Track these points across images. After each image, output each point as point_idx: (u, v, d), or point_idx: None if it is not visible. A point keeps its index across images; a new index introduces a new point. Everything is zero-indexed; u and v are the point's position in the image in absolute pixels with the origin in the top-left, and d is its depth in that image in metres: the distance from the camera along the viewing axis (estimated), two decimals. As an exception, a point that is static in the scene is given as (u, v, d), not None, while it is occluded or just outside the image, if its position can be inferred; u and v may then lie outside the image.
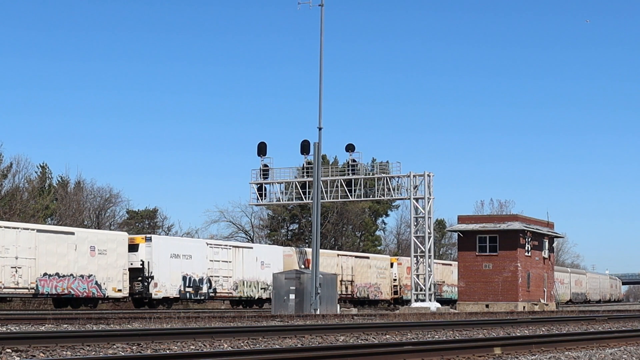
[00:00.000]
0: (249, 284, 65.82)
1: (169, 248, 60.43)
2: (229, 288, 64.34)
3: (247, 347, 19.49)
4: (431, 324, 30.66)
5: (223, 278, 63.96)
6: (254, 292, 66.26)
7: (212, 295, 63.17)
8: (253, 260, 66.42)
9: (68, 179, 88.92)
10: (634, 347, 20.47)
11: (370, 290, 78.48)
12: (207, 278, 62.65)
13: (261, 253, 68.17)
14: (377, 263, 79.97)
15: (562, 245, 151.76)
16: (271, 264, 67.04)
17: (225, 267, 64.22)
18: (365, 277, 78.01)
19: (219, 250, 64.42)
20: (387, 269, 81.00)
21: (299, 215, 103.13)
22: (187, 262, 61.39)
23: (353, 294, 75.95)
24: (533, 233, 70.81)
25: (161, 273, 59.22)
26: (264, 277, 66.22)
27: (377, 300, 79.67)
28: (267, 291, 65.29)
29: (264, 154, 67.07)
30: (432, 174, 64.59)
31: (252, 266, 66.12)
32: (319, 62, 54.47)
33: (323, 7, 54.10)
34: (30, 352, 17.18)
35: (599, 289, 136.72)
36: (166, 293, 59.57)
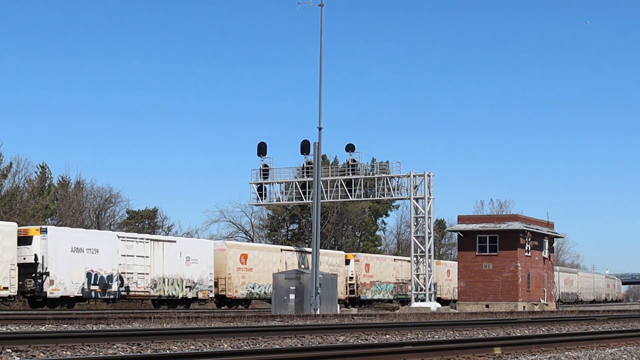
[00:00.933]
0: (171, 282, 59.62)
1: (69, 241, 53.74)
2: (146, 286, 57.96)
3: (247, 347, 19.49)
4: (431, 324, 30.65)
5: (138, 275, 57.49)
6: (177, 291, 60.10)
7: (123, 294, 56.89)
8: (176, 255, 60.31)
9: (68, 179, 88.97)
10: (634, 347, 20.46)
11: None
12: (117, 275, 56.09)
13: (186, 247, 61.87)
14: (329, 259, 74.80)
15: (562, 245, 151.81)
16: (199, 260, 61.69)
17: (141, 262, 57.78)
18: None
19: (133, 244, 57.75)
20: (341, 266, 76.21)
21: (299, 215, 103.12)
22: (93, 257, 54.82)
23: None
24: (533, 233, 70.81)
25: (59, 269, 52.67)
26: (190, 274, 60.92)
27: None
28: (194, 290, 61.06)
29: (264, 154, 67.10)
30: (432, 174, 64.64)
31: (174, 262, 59.94)
32: (319, 62, 54.54)
33: (323, 7, 54.16)
34: (30, 352, 17.17)
35: (592, 289, 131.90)
36: (65, 292, 53.20)
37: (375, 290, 79.24)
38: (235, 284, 64.78)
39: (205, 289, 61.91)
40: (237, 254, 65.54)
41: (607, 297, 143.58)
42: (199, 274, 61.49)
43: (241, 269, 65.46)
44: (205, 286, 61.91)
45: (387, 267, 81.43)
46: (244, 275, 65.71)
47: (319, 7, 54.15)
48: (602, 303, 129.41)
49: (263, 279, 66.70)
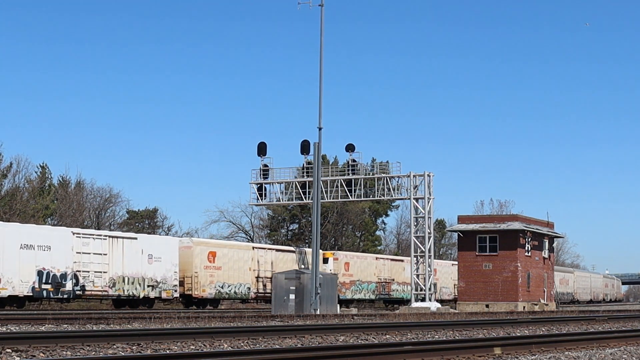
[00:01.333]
0: (131, 281, 56.72)
1: (18, 237, 50.94)
2: (103, 285, 55.01)
3: (247, 347, 19.49)
4: (431, 324, 30.65)
5: (95, 273, 54.56)
6: (138, 290, 57.15)
7: (79, 294, 53.97)
8: (137, 252, 57.44)
9: (68, 179, 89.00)
10: (634, 347, 20.46)
11: None
12: (72, 273, 53.06)
13: (149, 244, 58.90)
14: (305, 257, 72.51)
15: (562, 245, 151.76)
16: (162, 258, 58.86)
17: (99, 260, 54.83)
18: None
19: (89, 241, 54.68)
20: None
21: (299, 215, 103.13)
22: (45, 254, 51.89)
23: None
24: (533, 233, 70.81)
25: (6, 267, 49.92)
26: (153, 272, 58.05)
27: None
28: (157, 289, 58.27)
29: (264, 154, 67.08)
30: (432, 174, 64.61)
31: (135, 260, 57.10)
32: (319, 62, 54.54)
33: (323, 7, 54.16)
34: (30, 352, 17.18)
35: (589, 289, 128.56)
36: (14, 291, 50.31)
37: (356, 289, 76.68)
38: (203, 283, 62.25)
39: (169, 288, 59.16)
40: (205, 252, 62.97)
41: (605, 297, 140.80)
42: (162, 272, 58.77)
43: (209, 268, 62.81)
44: (169, 285, 59.17)
45: (368, 266, 78.64)
46: (212, 274, 63.11)
47: (319, 7, 54.18)
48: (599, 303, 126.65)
49: (233, 278, 64.57)
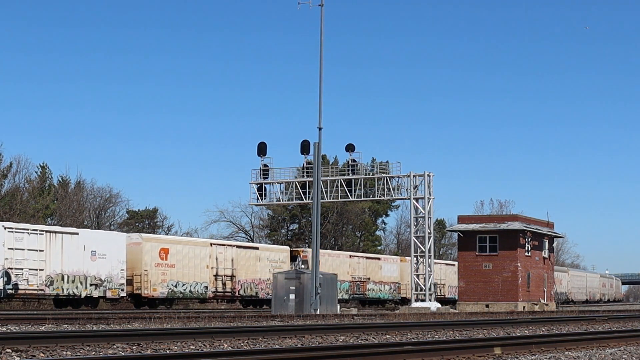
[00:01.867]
0: (72, 279, 53.00)
1: None
2: (39, 284, 51.53)
3: (247, 347, 19.49)
4: (431, 324, 30.65)
5: (30, 271, 51.10)
6: (79, 289, 53.60)
7: (11, 293, 50.50)
8: (78, 249, 53.77)
9: (68, 179, 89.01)
10: (634, 347, 20.46)
11: (261, 287, 67.22)
12: (3, 271, 49.87)
13: (92, 240, 55.04)
14: (270, 255, 68.82)
15: (562, 245, 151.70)
16: (107, 254, 55.27)
17: (34, 257, 51.31)
18: (253, 272, 66.82)
19: (23, 236, 51.08)
20: (285, 263, 69.69)
21: (299, 215, 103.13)
22: None
23: (234, 291, 65.02)
24: (533, 233, 70.81)
25: None
26: (96, 270, 54.47)
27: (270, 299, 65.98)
28: (101, 288, 54.76)
29: (264, 154, 67.07)
30: (432, 174, 64.61)
31: (76, 256, 53.43)
32: (319, 61, 54.52)
33: (323, 7, 54.14)
34: (30, 352, 17.18)
35: (585, 289, 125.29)
36: None
37: None
38: (154, 282, 58.63)
39: (115, 287, 55.59)
40: (156, 248, 59.35)
41: (602, 297, 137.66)
42: (107, 270, 55.16)
43: (161, 265, 59.25)
44: (115, 284, 55.57)
45: (341, 264, 75.47)
46: (165, 272, 59.54)
47: (319, 7, 54.15)
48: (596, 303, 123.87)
49: (189, 277, 61.23)
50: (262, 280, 67.21)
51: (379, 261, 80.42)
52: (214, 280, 63.32)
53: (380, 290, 78.70)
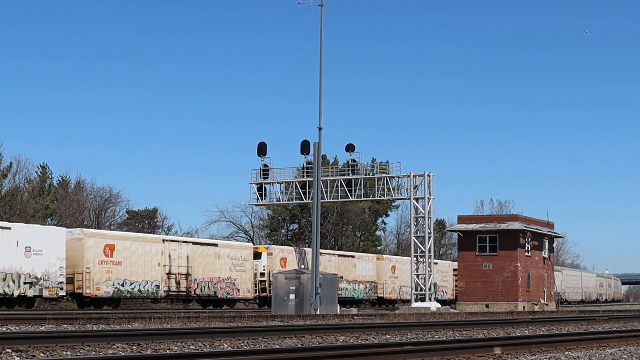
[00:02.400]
0: (2, 277, 49.70)
1: None
2: None
3: (247, 347, 19.49)
4: (431, 324, 30.65)
5: None
6: (11, 288, 50.04)
7: None
8: (10, 244, 50.14)
9: (68, 179, 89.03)
10: (634, 347, 20.46)
11: (220, 286, 63.16)
12: None
13: (26, 235, 51.25)
14: (231, 252, 64.65)
15: (562, 245, 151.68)
16: (44, 251, 51.50)
17: None
18: (212, 270, 62.73)
19: None
20: (247, 260, 65.71)
21: (299, 215, 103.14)
22: None
23: (189, 290, 60.93)
24: (533, 233, 70.81)
25: None
26: (31, 267, 50.90)
27: (232, 299, 64.73)
28: (37, 287, 51.19)
29: (264, 154, 67.10)
30: (432, 174, 64.63)
31: (8, 253, 49.84)
32: (319, 62, 54.55)
33: (323, 7, 54.18)
34: (30, 352, 17.17)
35: (580, 288, 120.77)
36: None
37: None
38: (97, 280, 54.81)
39: (52, 285, 51.95)
40: (100, 245, 55.19)
41: (599, 297, 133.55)
42: (43, 267, 51.44)
43: (105, 263, 55.12)
44: (53, 282, 51.95)
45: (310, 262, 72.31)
46: (110, 269, 55.47)
47: (319, 7, 54.21)
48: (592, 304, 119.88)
49: (137, 275, 57.12)
50: (221, 279, 63.13)
51: (353, 259, 76.64)
52: (167, 279, 59.17)
53: (354, 290, 75.20)
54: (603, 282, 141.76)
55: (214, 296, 62.65)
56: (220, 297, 63.13)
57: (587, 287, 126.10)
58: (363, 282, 76.83)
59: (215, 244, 65.12)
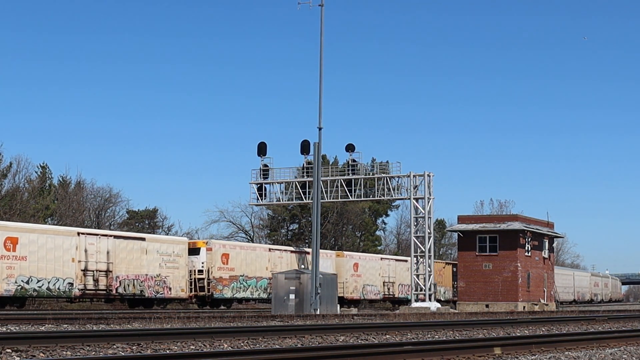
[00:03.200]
0: None
1: None
2: None
3: (247, 347, 19.49)
4: (431, 324, 30.65)
5: None
6: None
7: None
8: None
9: (68, 179, 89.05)
10: (634, 347, 20.46)
11: (148, 284, 57.80)
12: None
13: None
14: (161, 247, 59.17)
15: (562, 245, 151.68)
16: None
17: None
18: (137, 267, 57.23)
19: None
20: (181, 256, 60.38)
21: (299, 215, 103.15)
22: None
23: (110, 288, 55.41)
24: (533, 233, 70.83)
25: None
26: None
27: (162, 299, 59.35)
28: None
29: (264, 154, 67.09)
30: (432, 174, 64.63)
31: None
32: (319, 62, 54.55)
33: (323, 7, 54.18)
34: (30, 352, 17.17)
35: (572, 288, 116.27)
36: None
37: (239, 287, 64.05)
38: None
39: None
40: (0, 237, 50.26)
41: (593, 297, 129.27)
42: None
43: (6, 257, 50.12)
44: None
45: (257, 259, 66.39)
46: (12, 265, 50.41)
47: (319, 7, 54.22)
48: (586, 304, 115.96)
49: (46, 271, 51.97)
50: (149, 276, 57.65)
51: (309, 256, 70.37)
52: (82, 276, 53.58)
53: None
54: (598, 281, 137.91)
55: (140, 295, 57.17)
56: (148, 296, 57.73)
57: (580, 287, 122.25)
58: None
59: (143, 238, 59.17)
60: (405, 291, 79.82)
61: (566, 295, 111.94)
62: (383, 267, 78.58)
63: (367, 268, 76.83)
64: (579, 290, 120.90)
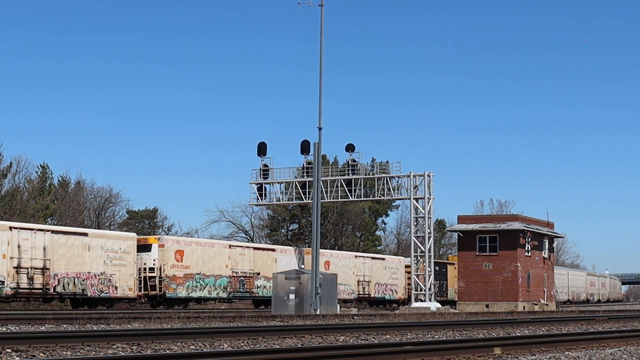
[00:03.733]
0: None
1: None
2: None
3: (247, 347, 19.49)
4: (431, 324, 30.66)
5: None
6: None
7: None
8: None
9: (68, 179, 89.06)
10: (634, 347, 20.46)
11: (91, 283, 53.93)
12: None
13: None
14: (106, 243, 55.23)
15: (562, 245, 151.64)
16: None
17: None
18: (79, 264, 53.40)
19: None
20: (128, 253, 56.47)
21: (299, 215, 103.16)
22: None
23: (47, 287, 51.55)
24: (533, 233, 70.83)
25: None
26: None
27: (107, 298, 55.18)
28: None
29: (264, 154, 67.11)
30: (432, 174, 64.64)
31: None
32: (319, 62, 54.57)
33: (323, 7, 54.20)
34: (30, 352, 17.17)
35: (567, 287, 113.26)
36: None
37: (195, 286, 60.29)
38: None
39: None
40: None
41: (589, 297, 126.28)
42: None
43: None
44: None
45: (216, 256, 62.34)
46: None
47: (319, 7, 54.24)
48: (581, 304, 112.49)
49: None
50: (92, 274, 53.72)
51: (273, 253, 67.63)
52: (15, 274, 49.78)
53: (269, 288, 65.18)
54: (595, 281, 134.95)
55: (81, 294, 53.34)
56: (91, 295, 53.88)
57: (574, 287, 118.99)
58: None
59: (85, 233, 55.03)
60: (382, 290, 77.33)
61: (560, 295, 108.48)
62: (358, 266, 74.38)
63: (340, 266, 72.63)
64: (574, 290, 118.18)
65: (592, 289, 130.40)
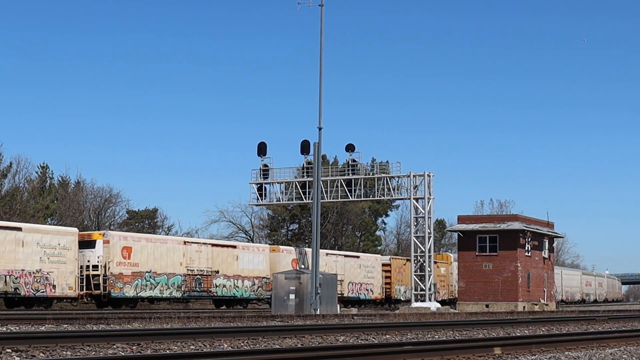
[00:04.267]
0: None
1: None
2: None
3: (247, 347, 19.49)
4: (431, 324, 30.66)
5: None
6: None
7: None
8: None
9: (68, 179, 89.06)
10: (634, 347, 20.47)
11: (25, 281, 50.24)
12: None
13: None
14: (43, 239, 51.50)
15: (562, 245, 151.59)
16: None
17: None
18: (12, 261, 49.70)
19: None
20: (69, 249, 52.71)
21: (299, 215, 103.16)
22: None
23: None
24: (533, 233, 70.82)
25: None
26: None
27: (44, 297, 51.64)
28: None
29: (264, 154, 67.11)
30: (432, 174, 64.65)
31: None
32: (319, 62, 54.60)
33: (323, 7, 54.24)
34: (30, 352, 17.17)
35: (561, 287, 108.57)
36: None
37: (144, 284, 56.81)
38: None
39: None
40: None
41: (585, 297, 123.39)
42: None
43: None
44: None
45: (169, 253, 58.78)
46: None
47: (319, 7, 54.29)
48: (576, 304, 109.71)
49: None
50: (26, 272, 50.12)
51: (234, 250, 64.38)
52: None
53: (236, 287, 63.09)
54: (591, 280, 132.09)
55: (14, 294, 49.67)
56: (25, 294, 50.22)
57: (569, 287, 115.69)
58: (250, 277, 64.47)
59: (19, 228, 51.08)
60: (357, 290, 74.30)
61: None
62: (329, 264, 70.31)
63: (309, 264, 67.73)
64: (568, 290, 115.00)
65: (588, 288, 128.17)
